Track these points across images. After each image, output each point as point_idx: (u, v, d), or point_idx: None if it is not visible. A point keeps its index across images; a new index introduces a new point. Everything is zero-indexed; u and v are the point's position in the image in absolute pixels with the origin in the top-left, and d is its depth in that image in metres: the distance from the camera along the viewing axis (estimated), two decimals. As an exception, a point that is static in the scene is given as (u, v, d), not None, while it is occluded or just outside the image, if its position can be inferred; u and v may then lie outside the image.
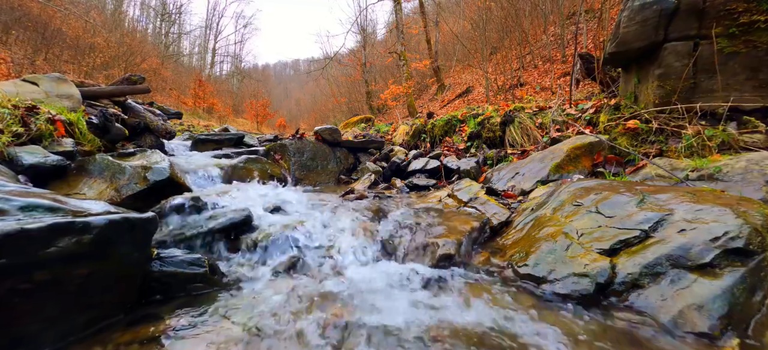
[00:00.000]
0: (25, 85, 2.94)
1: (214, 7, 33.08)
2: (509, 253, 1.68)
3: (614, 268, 1.31)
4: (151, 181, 2.12)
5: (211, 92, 24.74)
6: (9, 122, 2.07)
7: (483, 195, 2.39)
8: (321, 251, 1.84)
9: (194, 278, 1.43)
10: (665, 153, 2.38)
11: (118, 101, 3.93)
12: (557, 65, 9.38)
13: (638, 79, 2.85)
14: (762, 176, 1.78)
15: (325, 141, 4.26)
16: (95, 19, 17.69)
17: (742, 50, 2.31)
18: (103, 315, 1.18)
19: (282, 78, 54.20)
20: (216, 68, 32.90)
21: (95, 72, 15.04)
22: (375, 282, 1.50)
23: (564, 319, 1.19)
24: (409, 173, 3.57)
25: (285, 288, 1.48)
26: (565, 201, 1.82)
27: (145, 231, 1.31)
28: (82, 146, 2.49)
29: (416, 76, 16.63)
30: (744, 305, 1.09)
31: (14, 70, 11.22)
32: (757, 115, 2.28)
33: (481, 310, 1.27)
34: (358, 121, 9.83)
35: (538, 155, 2.83)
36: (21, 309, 0.97)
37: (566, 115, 3.65)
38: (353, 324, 1.18)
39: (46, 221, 1.02)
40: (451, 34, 15.77)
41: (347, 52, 22.66)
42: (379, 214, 2.24)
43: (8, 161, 1.85)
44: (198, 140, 4.26)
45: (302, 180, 3.79)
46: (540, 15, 11.90)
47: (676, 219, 1.37)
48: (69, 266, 1.05)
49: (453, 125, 4.66)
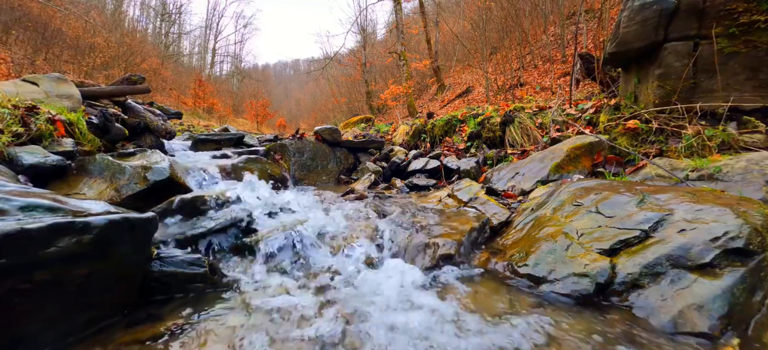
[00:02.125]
0: (25, 86, 2.94)
1: (214, 7, 33.13)
2: (509, 253, 1.68)
3: (614, 268, 1.31)
4: (151, 181, 2.12)
5: (211, 92, 24.74)
6: (9, 122, 2.07)
7: (483, 195, 2.39)
8: (321, 251, 1.84)
9: (194, 278, 1.43)
10: (665, 153, 2.38)
11: (118, 101, 3.92)
12: (557, 65, 9.37)
13: (638, 79, 2.85)
14: (762, 176, 1.78)
15: (325, 141, 4.27)
16: (95, 19, 17.69)
17: (742, 50, 2.31)
18: (103, 315, 1.18)
19: (282, 78, 54.20)
20: (216, 68, 32.92)
21: (95, 72, 15.04)
22: (375, 282, 1.50)
23: (564, 319, 1.19)
24: (409, 173, 3.57)
25: (284, 287, 1.48)
26: (565, 201, 1.82)
27: (145, 231, 1.31)
28: (82, 146, 2.49)
29: (416, 76, 16.63)
30: (744, 305, 1.09)
31: (14, 70, 11.22)
32: (757, 115, 2.28)
33: (480, 310, 1.27)
34: (358, 121, 9.83)
35: (538, 155, 2.83)
36: (21, 309, 0.97)
37: (566, 115, 3.65)
38: (353, 324, 1.18)
39: (46, 221, 1.02)
40: (451, 34, 15.77)
41: (347, 52, 22.67)
42: (379, 214, 2.24)
43: (8, 161, 1.85)
44: (198, 140, 4.26)
45: (302, 180, 3.79)
46: (540, 15, 11.90)
47: (676, 219, 1.37)
48: (69, 266, 1.05)
49: (453, 125, 4.66)
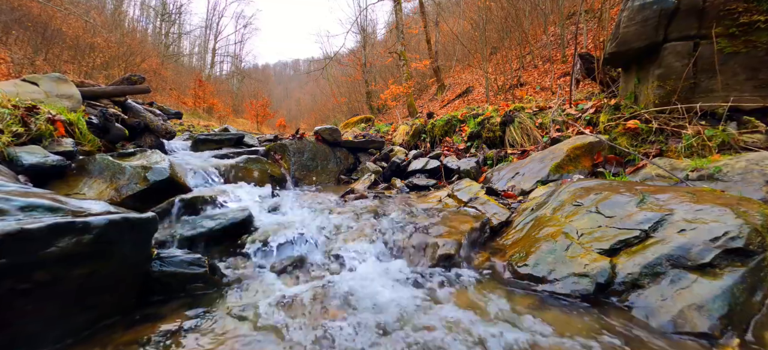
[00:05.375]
0: (25, 86, 2.94)
1: (214, 7, 32.92)
2: (509, 253, 1.68)
3: (614, 268, 1.31)
4: (151, 181, 2.12)
5: (211, 92, 24.73)
6: (9, 122, 2.07)
7: (483, 195, 2.39)
8: (320, 250, 1.84)
9: (194, 278, 1.43)
10: (665, 153, 2.38)
11: (118, 101, 3.93)
12: (557, 65, 9.37)
13: (638, 79, 2.85)
14: (762, 176, 1.78)
15: (325, 141, 4.26)
16: (95, 19, 17.68)
17: (742, 50, 2.31)
18: (103, 315, 1.18)
19: (282, 78, 54.18)
20: (216, 68, 32.86)
21: (95, 72, 15.03)
22: (374, 282, 1.50)
23: (564, 319, 1.19)
24: (409, 173, 3.56)
25: (285, 287, 1.48)
26: (565, 201, 1.82)
27: (145, 231, 1.31)
28: (82, 146, 2.49)
29: (416, 76, 16.62)
30: (744, 305, 1.09)
31: (14, 70, 11.22)
32: (757, 115, 2.28)
33: (480, 310, 1.27)
34: (358, 121, 9.82)
35: (538, 155, 2.83)
36: (21, 309, 0.97)
37: (566, 115, 3.64)
38: (353, 324, 1.18)
39: (46, 221, 1.02)
40: (451, 34, 15.77)
41: (347, 52, 22.66)
42: (378, 214, 2.24)
43: (8, 161, 1.85)
44: (198, 140, 4.26)
45: (302, 180, 3.79)
46: (540, 15, 11.89)
47: (676, 219, 1.37)
48: (69, 266, 1.05)
49: (453, 125, 4.66)
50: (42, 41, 13.65)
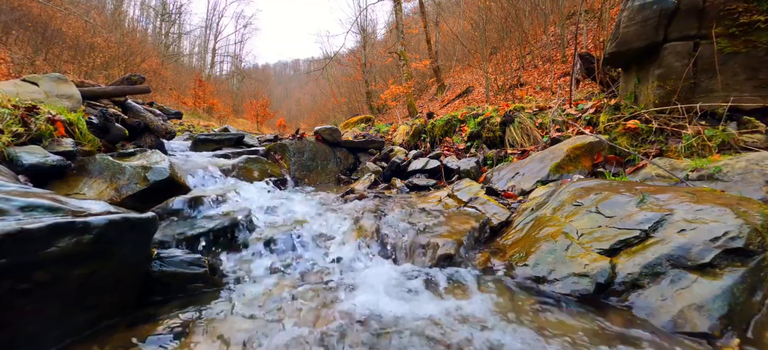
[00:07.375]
0: (25, 86, 2.94)
1: (214, 7, 32.91)
2: (509, 253, 1.68)
3: (614, 268, 1.31)
4: (151, 181, 2.12)
5: (211, 92, 24.73)
6: (9, 122, 2.07)
7: (483, 195, 2.39)
8: (320, 251, 1.84)
9: (194, 278, 1.43)
10: (665, 153, 2.38)
11: (118, 101, 3.92)
12: (557, 65, 9.37)
13: (638, 79, 2.85)
14: (762, 176, 1.78)
15: (325, 141, 4.26)
16: (95, 19, 17.68)
17: (742, 50, 2.31)
18: (103, 315, 1.18)
19: (282, 78, 54.17)
20: (216, 68, 32.86)
21: (95, 72, 15.03)
22: (374, 282, 1.50)
23: (564, 319, 1.19)
24: (409, 173, 3.56)
25: (284, 287, 1.48)
26: (565, 201, 1.82)
27: (145, 231, 1.31)
28: (82, 146, 2.49)
29: (416, 76, 16.62)
30: (744, 305, 1.09)
31: (14, 70, 11.22)
32: (757, 115, 2.28)
33: (480, 310, 1.27)
34: (358, 121, 9.81)
35: (538, 155, 2.83)
36: (21, 309, 0.97)
37: (566, 115, 3.64)
38: (352, 324, 1.18)
39: (46, 221, 1.02)
40: (451, 34, 15.77)
41: (347, 52, 22.66)
42: (378, 214, 2.24)
43: (8, 161, 1.85)
44: (198, 140, 4.26)
45: (302, 180, 3.79)
46: (540, 15, 11.89)
47: (676, 219, 1.37)
48: (69, 266, 1.05)
49: (453, 125, 4.66)
50: (42, 41, 13.65)
